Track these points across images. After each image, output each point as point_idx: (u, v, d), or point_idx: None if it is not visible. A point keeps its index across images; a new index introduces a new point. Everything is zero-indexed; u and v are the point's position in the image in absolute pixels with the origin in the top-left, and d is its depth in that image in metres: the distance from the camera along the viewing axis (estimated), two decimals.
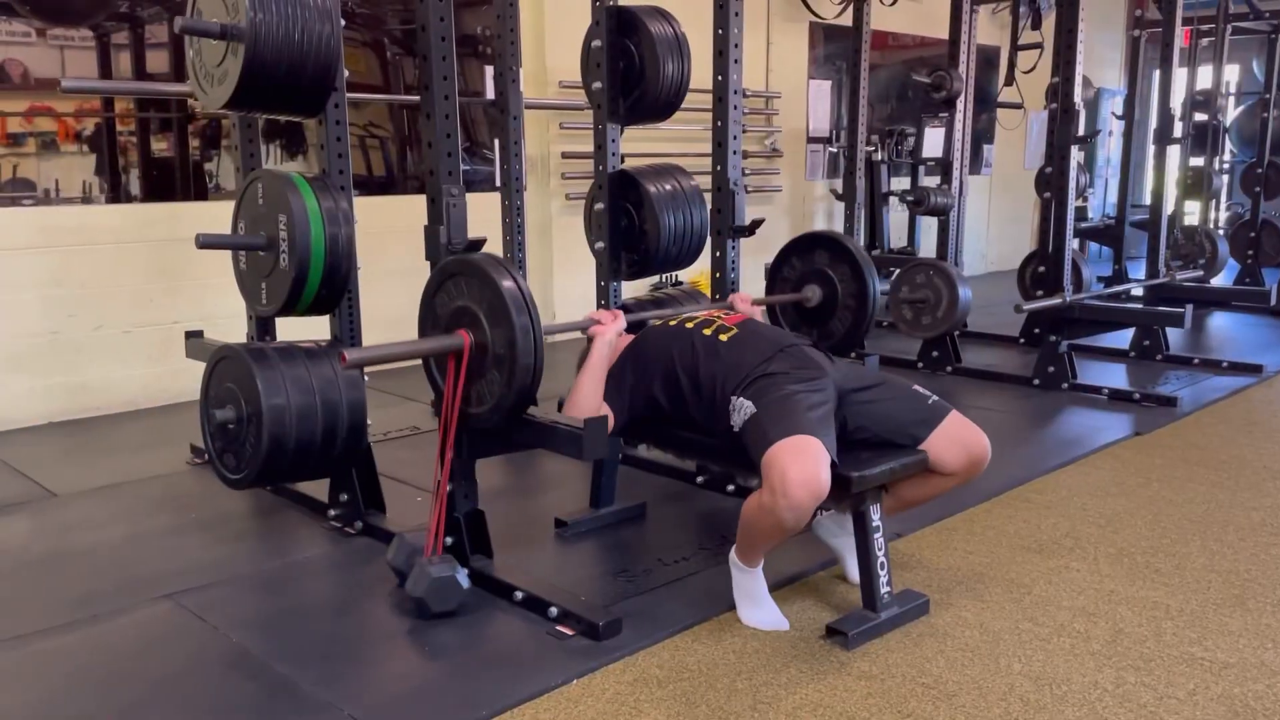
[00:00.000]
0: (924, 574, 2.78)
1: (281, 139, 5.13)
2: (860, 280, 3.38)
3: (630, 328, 2.92)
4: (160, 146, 4.79)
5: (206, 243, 2.76)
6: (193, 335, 3.71)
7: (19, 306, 4.33)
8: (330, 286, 2.81)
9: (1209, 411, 4.56)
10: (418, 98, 2.71)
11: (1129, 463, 3.80)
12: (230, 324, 4.37)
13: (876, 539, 2.44)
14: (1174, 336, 5.83)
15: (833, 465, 2.29)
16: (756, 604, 2.48)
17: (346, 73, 2.99)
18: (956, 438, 2.52)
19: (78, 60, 4.46)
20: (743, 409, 2.43)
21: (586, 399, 2.67)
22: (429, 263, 2.73)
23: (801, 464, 2.22)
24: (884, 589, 2.45)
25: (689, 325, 2.71)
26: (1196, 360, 5.49)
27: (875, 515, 2.43)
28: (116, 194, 4.64)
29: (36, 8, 4.30)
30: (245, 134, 3.39)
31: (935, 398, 2.59)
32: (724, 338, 2.63)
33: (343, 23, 2.68)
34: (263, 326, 3.49)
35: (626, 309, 3.60)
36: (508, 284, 2.35)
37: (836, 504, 2.59)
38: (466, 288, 2.45)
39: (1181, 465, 3.75)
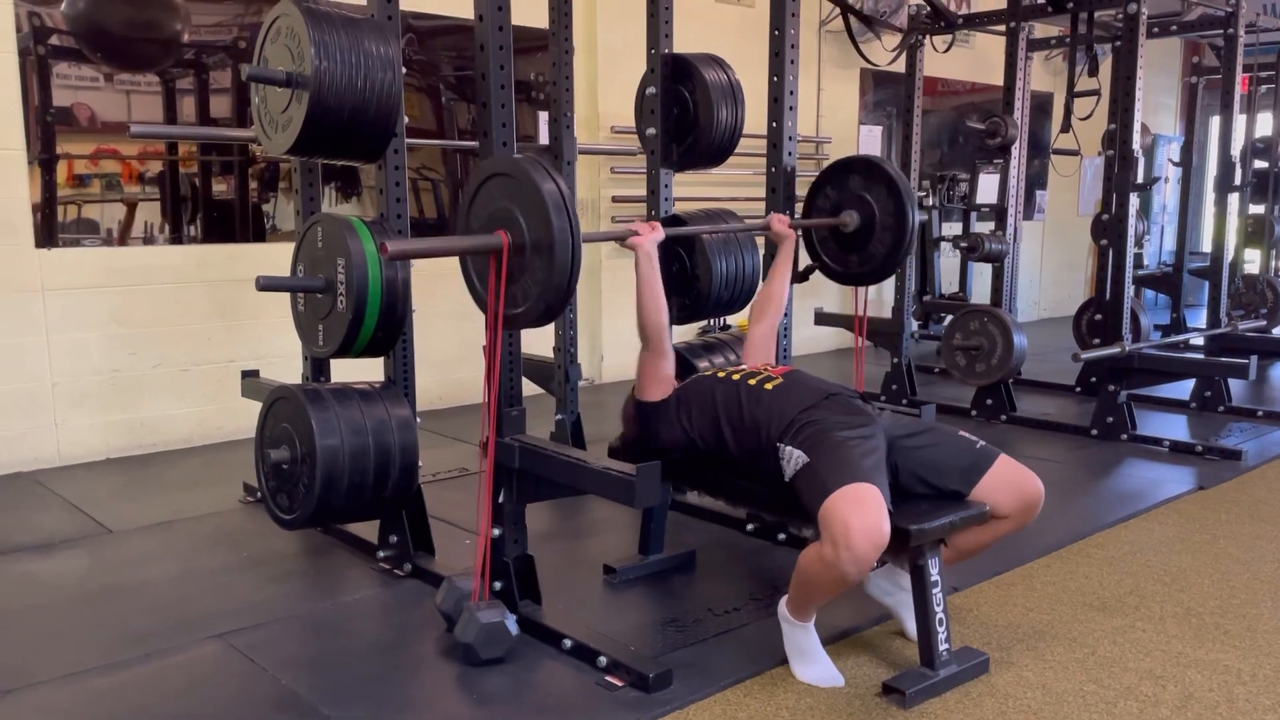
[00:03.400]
0: (983, 630, 2.70)
1: (337, 181, 5.22)
2: (898, 199, 3.28)
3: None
4: (220, 189, 4.89)
5: (267, 285, 2.80)
6: (249, 374, 3.76)
7: (83, 345, 4.43)
8: (386, 329, 2.83)
9: (1275, 466, 4.42)
10: (474, 143, 2.74)
11: (1193, 518, 3.69)
12: (285, 364, 4.42)
13: (935, 594, 2.38)
14: (1236, 387, 5.68)
15: (890, 516, 2.24)
16: (811, 659, 2.43)
17: (405, 119, 3.04)
18: (1008, 480, 2.48)
19: (142, 104, 4.58)
20: (794, 458, 2.40)
21: (653, 307, 2.72)
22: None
23: (863, 514, 2.18)
24: (942, 646, 2.38)
25: (735, 376, 2.70)
26: (1261, 412, 5.34)
27: (934, 569, 2.38)
28: (178, 235, 4.74)
29: (107, 54, 4.44)
30: (306, 178, 3.45)
31: (983, 442, 2.56)
32: (769, 386, 2.61)
33: (404, 70, 2.72)
34: (318, 367, 3.52)
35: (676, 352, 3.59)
36: (548, 185, 2.27)
37: (894, 558, 2.54)
38: (501, 190, 2.36)
39: (1249, 521, 3.63)
